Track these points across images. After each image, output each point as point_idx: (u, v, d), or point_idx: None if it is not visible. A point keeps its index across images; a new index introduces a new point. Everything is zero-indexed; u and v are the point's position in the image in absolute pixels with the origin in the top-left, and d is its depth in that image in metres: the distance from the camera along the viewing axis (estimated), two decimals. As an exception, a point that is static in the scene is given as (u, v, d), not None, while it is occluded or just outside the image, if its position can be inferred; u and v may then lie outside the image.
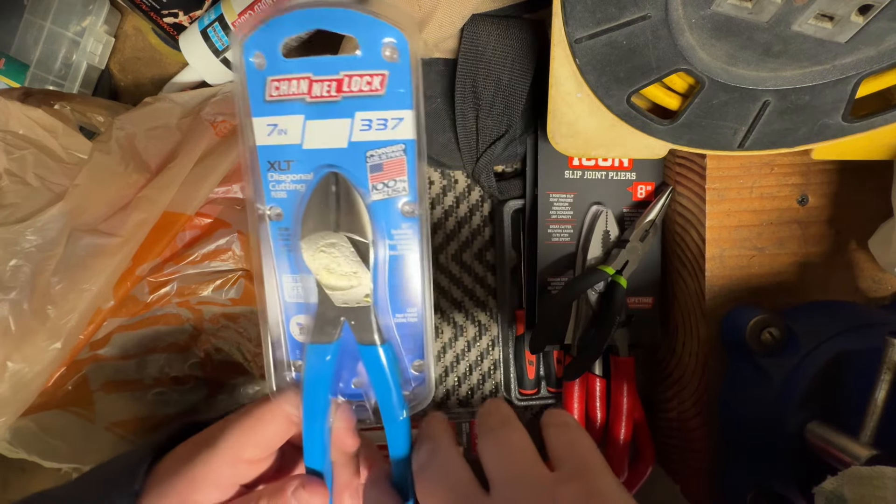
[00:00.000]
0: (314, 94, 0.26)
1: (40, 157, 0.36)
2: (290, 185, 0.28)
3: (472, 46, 0.45)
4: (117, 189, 0.39)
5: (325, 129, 0.27)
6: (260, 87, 0.27)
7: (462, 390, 0.55)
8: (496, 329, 0.55)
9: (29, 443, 0.40)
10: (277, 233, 0.29)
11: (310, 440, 0.30)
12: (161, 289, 0.40)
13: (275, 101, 0.27)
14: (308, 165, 0.28)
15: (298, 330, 0.30)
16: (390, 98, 0.26)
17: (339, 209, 0.28)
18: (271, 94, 0.27)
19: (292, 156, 0.27)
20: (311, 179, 0.28)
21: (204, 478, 0.29)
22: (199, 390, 0.45)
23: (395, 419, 0.30)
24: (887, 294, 0.46)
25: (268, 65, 0.26)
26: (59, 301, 0.35)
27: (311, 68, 0.26)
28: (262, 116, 0.27)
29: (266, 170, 0.28)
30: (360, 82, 0.26)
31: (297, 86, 0.26)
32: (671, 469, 0.51)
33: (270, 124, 0.27)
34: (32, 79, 0.48)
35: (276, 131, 0.27)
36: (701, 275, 0.45)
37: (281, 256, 0.29)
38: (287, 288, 0.29)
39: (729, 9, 0.31)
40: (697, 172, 0.44)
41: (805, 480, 0.35)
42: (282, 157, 0.27)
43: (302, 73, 0.26)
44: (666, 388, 0.51)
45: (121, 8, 0.50)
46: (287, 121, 0.27)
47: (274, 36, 0.26)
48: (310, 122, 0.27)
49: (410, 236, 0.29)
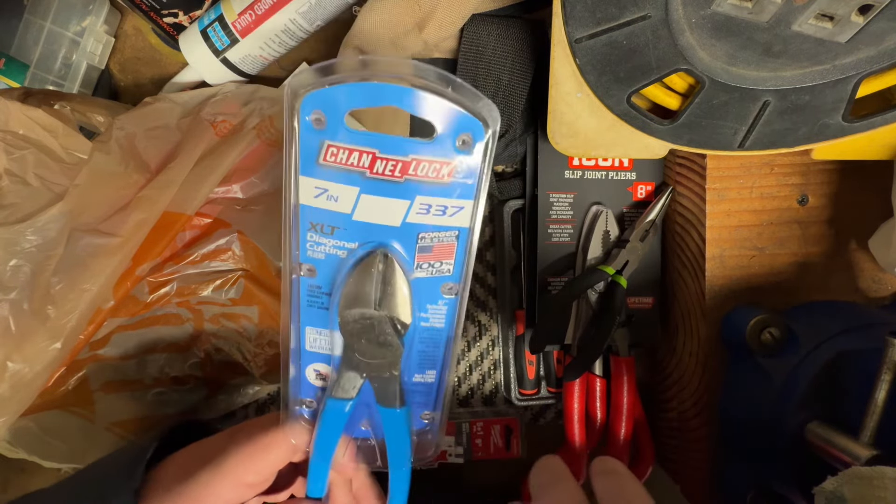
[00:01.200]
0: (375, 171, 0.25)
1: (40, 157, 0.36)
2: (331, 249, 0.27)
3: (472, 46, 0.45)
4: (117, 189, 0.38)
5: (379, 206, 0.26)
6: (314, 147, 0.25)
7: (462, 390, 0.55)
8: (496, 329, 0.55)
9: (29, 443, 0.40)
10: (307, 289, 0.28)
11: (315, 473, 0.31)
12: (161, 289, 0.40)
13: (329, 167, 0.25)
14: (355, 236, 0.27)
15: (315, 375, 0.31)
16: (454, 187, 0.26)
17: (384, 288, 0.27)
18: (326, 158, 0.25)
19: (339, 223, 0.26)
20: (355, 249, 0.27)
21: (205, 498, 0.30)
22: (199, 390, 0.45)
23: (400, 467, 0.31)
24: (887, 294, 0.46)
25: (328, 128, 0.24)
26: (59, 301, 0.35)
27: (377, 145, 0.24)
28: (311, 178, 0.25)
29: (306, 229, 0.27)
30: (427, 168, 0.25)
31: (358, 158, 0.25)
32: (671, 469, 0.51)
33: (320, 188, 0.25)
34: (32, 79, 0.48)
35: (324, 195, 0.26)
36: (701, 275, 0.45)
37: (307, 310, 0.29)
38: (309, 338, 0.30)
39: (729, 9, 0.31)
40: (697, 172, 0.44)
41: (805, 480, 0.34)
42: (327, 222, 0.26)
43: (366, 146, 0.24)
44: (666, 388, 0.51)
45: (121, 8, 0.50)
46: (339, 189, 0.25)
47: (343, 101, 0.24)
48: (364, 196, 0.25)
49: (445, 312, 0.29)
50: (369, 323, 0.28)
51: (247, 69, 0.48)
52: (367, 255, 0.27)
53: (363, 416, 0.31)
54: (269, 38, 0.46)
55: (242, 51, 0.46)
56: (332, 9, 0.46)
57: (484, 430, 0.54)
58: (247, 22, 0.45)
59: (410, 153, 0.25)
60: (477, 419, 0.53)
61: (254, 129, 0.43)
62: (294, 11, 0.45)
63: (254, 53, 0.47)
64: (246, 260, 0.42)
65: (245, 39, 0.46)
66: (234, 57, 0.46)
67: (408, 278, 0.28)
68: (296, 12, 0.45)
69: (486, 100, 0.24)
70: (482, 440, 0.53)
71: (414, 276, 0.28)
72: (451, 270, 0.28)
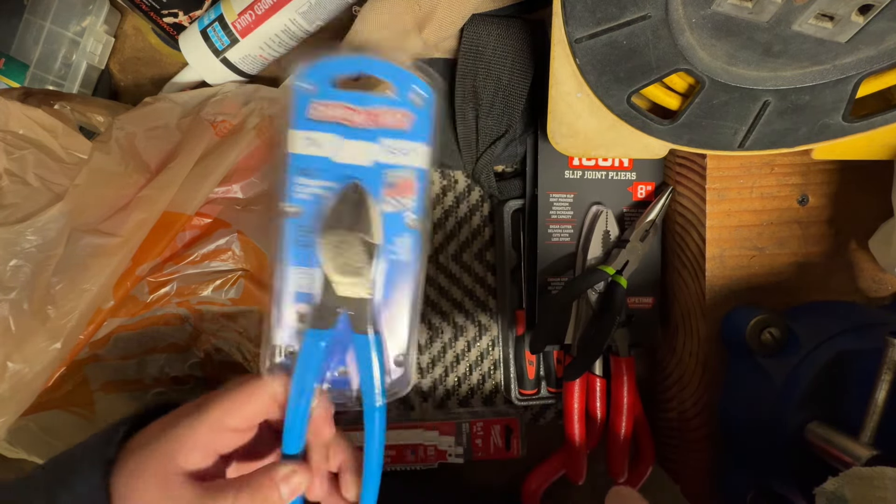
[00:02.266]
0: (349, 120, 0.32)
1: (40, 157, 0.36)
2: (316, 189, 0.33)
3: (472, 46, 0.45)
4: (117, 189, 0.38)
5: (354, 148, 0.32)
6: (304, 107, 0.32)
7: (462, 390, 0.55)
8: (496, 329, 0.55)
9: (29, 443, 0.40)
10: (294, 228, 0.33)
11: (291, 422, 0.32)
12: (161, 289, 0.40)
13: (315, 120, 0.32)
14: (335, 176, 0.33)
15: (297, 317, 0.33)
16: (412, 133, 0.33)
17: (356, 213, 0.32)
18: (313, 113, 0.32)
19: (322, 165, 0.32)
20: (335, 187, 0.33)
21: (187, 439, 0.30)
22: (199, 390, 0.45)
23: (373, 404, 0.33)
24: (887, 294, 0.46)
25: (318, 91, 0.32)
26: (59, 301, 0.35)
27: (352, 100, 0.32)
28: (301, 130, 0.32)
29: (295, 173, 0.32)
30: (390, 117, 0.32)
31: (338, 111, 0.32)
32: (671, 469, 0.51)
33: (307, 138, 0.32)
34: (32, 79, 0.48)
35: (311, 144, 0.32)
36: (701, 275, 0.45)
37: (292, 249, 0.33)
38: (293, 278, 0.33)
39: (729, 9, 0.31)
40: (697, 172, 0.44)
41: (805, 480, 0.35)
42: (312, 166, 0.32)
43: (343, 100, 0.32)
44: (666, 388, 0.51)
45: (121, 8, 0.50)
46: (323, 137, 0.32)
47: (327, 70, 0.32)
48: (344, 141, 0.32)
49: (410, 245, 0.33)
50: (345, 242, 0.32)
51: (247, 69, 0.48)
52: (344, 188, 0.33)
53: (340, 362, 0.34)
54: (269, 38, 0.46)
55: (242, 51, 0.46)
56: (332, 9, 0.46)
57: (484, 430, 0.54)
58: (247, 22, 0.45)
59: (377, 105, 0.32)
60: (477, 419, 0.53)
61: (254, 129, 0.43)
62: (294, 11, 0.45)
63: (254, 53, 0.47)
64: (246, 260, 0.42)
65: (245, 39, 0.46)
66: (234, 57, 0.46)
67: (377, 207, 0.33)
68: (296, 12, 0.45)
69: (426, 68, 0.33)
70: (482, 440, 0.53)
71: (383, 209, 0.33)
72: (412, 206, 0.33)
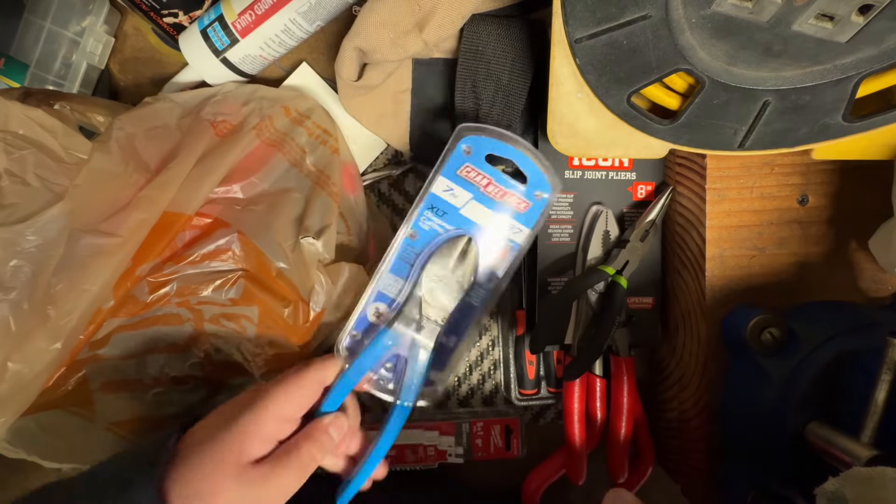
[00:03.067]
0: (485, 188, 0.40)
1: (40, 158, 0.36)
2: (435, 225, 0.41)
3: (472, 46, 0.45)
4: (117, 189, 0.38)
5: (478, 209, 0.40)
6: (457, 164, 0.40)
7: (462, 390, 0.55)
8: (496, 329, 0.55)
9: (29, 443, 0.40)
10: (405, 245, 0.41)
11: (339, 387, 0.38)
12: (161, 289, 0.40)
13: (461, 177, 0.40)
14: (455, 222, 0.41)
15: (373, 311, 0.41)
16: (525, 218, 0.41)
17: (461, 259, 0.40)
18: (461, 172, 0.40)
19: (449, 211, 0.40)
20: (451, 231, 0.41)
21: (252, 430, 0.33)
22: (199, 390, 0.45)
23: (403, 403, 0.40)
24: (887, 294, 0.46)
25: (472, 156, 0.39)
26: (59, 301, 0.35)
27: (494, 175, 0.40)
28: (446, 178, 0.40)
29: (426, 208, 0.40)
30: (514, 200, 0.40)
31: (481, 179, 0.40)
32: (671, 469, 0.51)
33: (448, 186, 0.40)
34: (32, 79, 0.48)
35: (449, 192, 0.40)
36: (701, 275, 0.45)
37: (396, 261, 0.41)
38: (384, 281, 0.41)
39: (729, 9, 0.31)
40: (697, 172, 0.44)
41: (805, 480, 0.35)
42: (442, 209, 0.40)
43: (488, 174, 0.40)
44: (666, 388, 0.51)
45: (121, 8, 0.50)
46: (461, 192, 0.40)
47: (485, 145, 0.39)
48: (473, 202, 0.40)
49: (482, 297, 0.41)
50: (444, 279, 0.40)
51: (247, 69, 0.48)
52: (458, 236, 0.40)
53: (390, 359, 0.41)
54: (269, 38, 0.46)
55: (242, 51, 0.46)
56: (332, 9, 0.46)
57: (484, 430, 0.54)
58: (247, 22, 0.45)
59: (510, 188, 0.40)
60: (477, 419, 0.53)
61: (253, 129, 0.43)
62: (294, 11, 0.45)
63: (254, 53, 0.47)
64: (246, 260, 0.41)
65: (245, 39, 0.46)
66: (234, 57, 0.46)
67: (475, 261, 0.41)
68: (296, 12, 0.45)
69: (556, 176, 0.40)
70: (482, 440, 0.53)
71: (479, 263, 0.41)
72: (499, 267, 0.41)
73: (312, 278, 0.42)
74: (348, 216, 0.48)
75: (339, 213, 0.47)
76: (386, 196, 0.54)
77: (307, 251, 0.42)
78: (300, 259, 0.42)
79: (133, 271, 0.39)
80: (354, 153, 0.52)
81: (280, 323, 0.42)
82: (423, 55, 0.46)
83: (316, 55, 0.52)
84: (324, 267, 0.43)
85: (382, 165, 0.54)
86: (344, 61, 0.43)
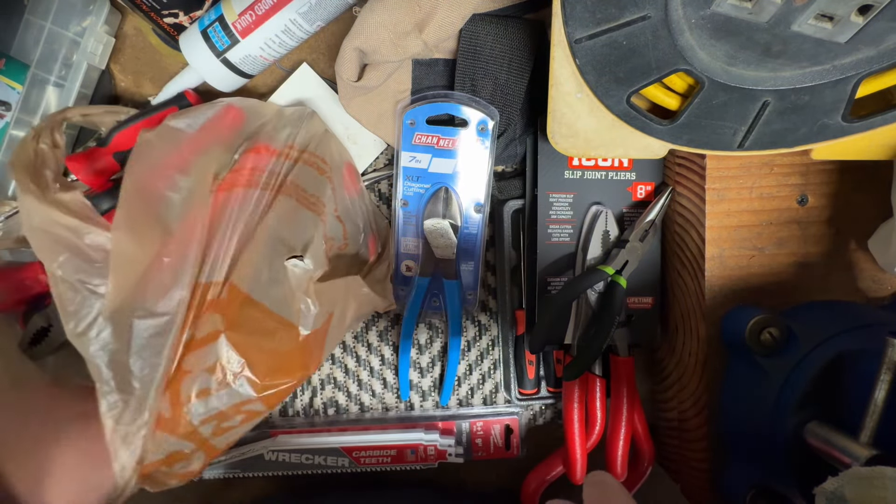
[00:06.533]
0: (438, 145, 0.49)
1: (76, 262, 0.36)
2: (417, 189, 0.50)
3: (470, 46, 0.45)
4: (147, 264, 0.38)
5: (442, 163, 0.49)
6: (409, 136, 0.48)
7: (462, 390, 0.55)
8: (496, 329, 0.55)
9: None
10: (403, 213, 0.51)
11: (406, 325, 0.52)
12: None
13: (416, 145, 0.49)
14: (429, 181, 0.50)
15: (405, 268, 0.52)
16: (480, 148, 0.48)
17: (446, 206, 0.50)
18: (415, 141, 0.48)
19: (421, 174, 0.49)
20: (429, 188, 0.50)
21: None
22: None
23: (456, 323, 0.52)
24: (887, 294, 0.46)
25: (417, 125, 0.48)
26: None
27: (440, 132, 0.48)
28: (407, 151, 0.49)
29: (404, 179, 0.49)
30: (466, 140, 0.48)
31: (431, 139, 0.48)
32: (671, 469, 0.51)
33: (411, 157, 0.49)
34: (33, 79, 0.48)
35: (413, 160, 0.49)
36: (701, 275, 0.45)
37: (403, 227, 0.51)
38: (403, 244, 0.51)
39: (729, 9, 0.31)
40: (697, 172, 0.44)
41: (805, 480, 0.35)
42: (414, 175, 0.49)
43: (434, 133, 0.48)
44: (666, 388, 0.51)
45: (121, 8, 0.50)
46: (422, 156, 0.49)
47: (420, 112, 0.48)
48: (434, 158, 0.49)
49: (478, 223, 0.50)
50: (439, 226, 0.50)
51: (247, 69, 0.48)
52: (436, 191, 0.50)
53: (434, 295, 0.52)
54: (270, 38, 0.46)
55: (243, 51, 0.46)
56: (332, 9, 0.46)
57: (484, 430, 0.54)
58: (247, 22, 0.45)
59: (457, 135, 0.48)
60: (477, 419, 0.53)
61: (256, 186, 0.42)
62: (294, 12, 0.45)
63: (254, 54, 0.47)
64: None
65: (245, 40, 0.46)
66: (234, 57, 0.47)
67: (458, 202, 0.50)
68: (296, 13, 0.45)
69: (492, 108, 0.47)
70: (482, 440, 0.53)
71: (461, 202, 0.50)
72: (480, 198, 0.50)
73: (298, 301, 0.41)
74: (345, 219, 0.48)
75: (337, 216, 0.47)
76: (386, 196, 0.54)
77: (292, 275, 0.41)
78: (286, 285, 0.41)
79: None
80: (354, 153, 0.52)
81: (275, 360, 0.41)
82: (423, 56, 0.46)
83: (316, 55, 0.52)
84: (315, 283, 0.42)
85: (382, 165, 0.54)
86: (344, 62, 0.43)
